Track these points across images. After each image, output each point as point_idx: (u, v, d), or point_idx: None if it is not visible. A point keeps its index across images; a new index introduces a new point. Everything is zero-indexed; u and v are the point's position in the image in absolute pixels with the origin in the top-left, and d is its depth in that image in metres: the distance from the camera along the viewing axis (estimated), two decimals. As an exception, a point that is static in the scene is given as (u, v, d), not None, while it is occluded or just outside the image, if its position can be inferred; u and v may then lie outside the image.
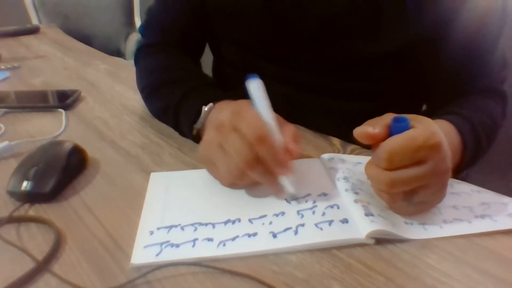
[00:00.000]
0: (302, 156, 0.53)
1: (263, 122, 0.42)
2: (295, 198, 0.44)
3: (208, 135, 0.44)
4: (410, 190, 0.38)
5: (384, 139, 0.38)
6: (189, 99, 0.56)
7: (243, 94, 0.44)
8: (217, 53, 0.77)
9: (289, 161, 0.42)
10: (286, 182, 0.43)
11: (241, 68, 0.72)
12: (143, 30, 0.74)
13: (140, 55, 0.71)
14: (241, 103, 0.45)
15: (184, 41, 0.71)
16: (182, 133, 0.58)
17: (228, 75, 0.77)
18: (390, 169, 0.38)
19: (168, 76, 0.63)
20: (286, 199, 0.44)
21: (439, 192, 0.40)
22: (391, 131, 0.38)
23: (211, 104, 0.52)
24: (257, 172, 0.41)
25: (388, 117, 0.39)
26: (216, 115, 0.47)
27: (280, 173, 0.42)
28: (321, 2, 0.57)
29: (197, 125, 0.53)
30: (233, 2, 0.63)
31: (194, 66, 0.68)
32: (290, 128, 0.45)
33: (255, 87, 0.44)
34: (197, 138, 0.54)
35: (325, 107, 0.66)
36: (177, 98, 0.57)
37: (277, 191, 0.44)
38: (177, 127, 0.59)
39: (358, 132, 0.39)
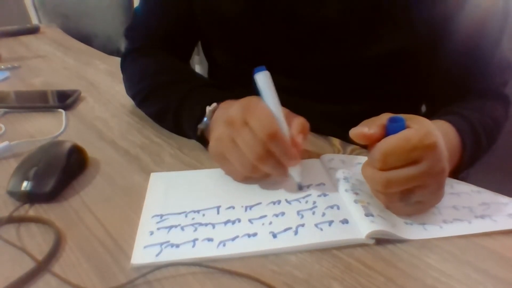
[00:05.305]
0: (302, 156, 0.54)
1: (273, 114, 0.43)
2: (301, 187, 0.46)
3: (219, 131, 0.45)
4: (407, 190, 0.38)
5: (380, 139, 0.38)
6: (191, 100, 0.55)
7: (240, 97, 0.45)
8: (211, 59, 0.76)
9: (296, 152, 0.43)
10: (294, 172, 0.45)
11: (234, 75, 0.71)
12: (128, 32, 0.72)
13: (126, 61, 0.70)
14: (250, 97, 0.45)
15: (170, 44, 0.70)
16: (184, 134, 0.58)
17: (222, 81, 0.77)
18: (384, 169, 0.38)
19: (162, 79, 0.63)
20: (298, 186, 0.46)
21: (436, 192, 0.40)
22: (387, 131, 0.38)
23: (214, 104, 0.52)
24: (268, 165, 0.43)
25: (385, 117, 0.39)
26: (224, 112, 0.47)
27: (289, 165, 0.44)
28: (311, 9, 0.57)
29: (201, 125, 0.53)
30: (217, 5, 0.62)
31: (186, 67, 0.68)
32: (298, 120, 0.46)
33: (263, 79, 0.44)
34: (201, 139, 0.54)
35: (322, 111, 0.65)
36: (176, 100, 0.57)
37: (286, 180, 0.46)
38: (178, 129, 0.59)
39: (354, 133, 0.39)
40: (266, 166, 0.43)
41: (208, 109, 0.52)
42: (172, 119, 0.58)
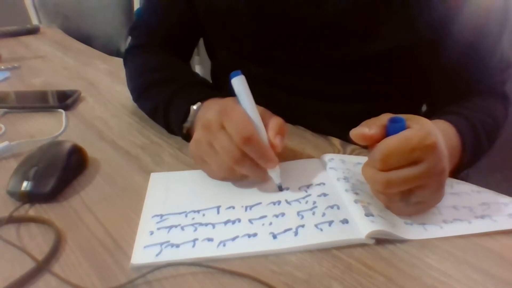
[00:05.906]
0: (302, 156, 0.54)
1: (249, 118, 0.43)
2: (281, 188, 0.46)
3: (198, 134, 0.46)
4: (407, 190, 0.38)
5: (380, 139, 0.38)
6: (178, 99, 0.57)
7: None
8: (213, 58, 0.77)
9: (273, 155, 0.44)
10: (273, 174, 0.45)
11: None
12: (131, 31, 0.74)
13: (128, 57, 0.72)
14: (227, 100, 0.46)
15: (171, 42, 0.71)
16: (173, 132, 0.59)
17: (224, 80, 0.77)
18: (385, 169, 0.38)
19: (156, 76, 0.64)
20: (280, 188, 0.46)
21: (436, 192, 0.40)
22: (388, 132, 0.38)
23: (199, 103, 0.53)
24: (245, 168, 0.43)
25: (385, 118, 0.39)
26: (204, 113, 0.48)
27: (267, 167, 0.44)
28: (312, 8, 0.57)
29: (186, 124, 0.54)
30: (219, 4, 0.62)
31: (182, 65, 0.69)
32: (275, 121, 0.46)
33: (238, 83, 0.45)
34: (187, 136, 0.55)
35: (323, 110, 0.65)
36: (166, 98, 0.58)
37: (266, 181, 0.46)
38: (167, 126, 0.60)
39: (355, 133, 0.39)
40: (243, 169, 0.43)
41: (193, 108, 0.53)
42: (162, 117, 0.59)
